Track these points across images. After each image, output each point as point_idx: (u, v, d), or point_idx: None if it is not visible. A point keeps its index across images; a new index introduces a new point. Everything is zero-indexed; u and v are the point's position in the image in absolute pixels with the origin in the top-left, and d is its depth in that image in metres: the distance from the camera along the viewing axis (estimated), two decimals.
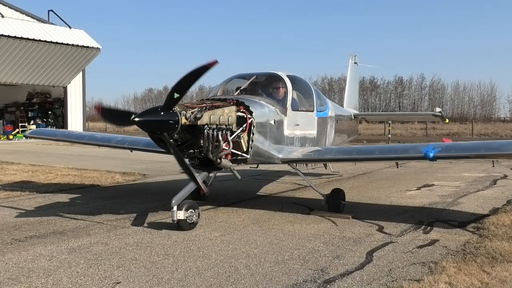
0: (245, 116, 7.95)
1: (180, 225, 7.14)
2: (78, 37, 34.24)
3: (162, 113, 6.92)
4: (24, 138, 30.49)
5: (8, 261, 5.63)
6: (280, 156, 8.98)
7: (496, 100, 78.96)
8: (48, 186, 11.70)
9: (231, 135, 7.71)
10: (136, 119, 6.83)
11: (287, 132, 9.13)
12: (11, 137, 34.88)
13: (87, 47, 34.13)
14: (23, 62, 31.57)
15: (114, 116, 7.82)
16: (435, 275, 5.15)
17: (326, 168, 13.27)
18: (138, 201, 9.65)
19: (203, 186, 7.62)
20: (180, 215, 7.05)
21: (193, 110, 7.32)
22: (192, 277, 5.15)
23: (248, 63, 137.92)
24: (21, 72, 32.06)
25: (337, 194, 8.92)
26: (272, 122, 8.68)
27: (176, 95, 6.91)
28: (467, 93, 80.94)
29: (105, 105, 8.09)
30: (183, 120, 7.06)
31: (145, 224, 7.62)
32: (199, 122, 7.20)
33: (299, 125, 9.51)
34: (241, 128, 7.92)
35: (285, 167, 11.40)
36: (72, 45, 33.13)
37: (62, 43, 32.52)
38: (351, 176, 14.58)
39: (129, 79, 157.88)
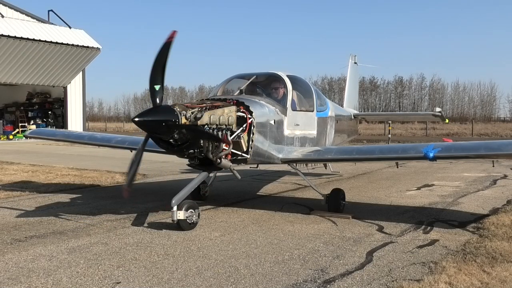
0: (245, 116, 7.95)
1: (180, 225, 7.13)
2: (78, 37, 34.23)
3: (162, 113, 6.92)
4: (24, 138, 30.48)
5: (8, 261, 5.63)
6: (280, 156, 8.98)
7: (496, 100, 79.14)
8: (48, 186, 11.70)
9: (231, 135, 7.71)
10: (136, 119, 6.84)
11: (287, 132, 9.13)
12: (11, 137, 34.90)
13: (87, 47, 34.12)
14: (23, 62, 31.57)
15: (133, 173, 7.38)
16: (435, 275, 5.15)
17: (326, 168, 13.28)
18: (138, 201, 9.65)
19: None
20: (180, 215, 7.05)
21: (193, 110, 7.31)
22: (192, 277, 5.14)
23: (248, 63, 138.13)
24: (21, 72, 32.06)
25: (337, 194, 8.92)
26: (272, 122, 8.67)
27: (157, 87, 6.92)
28: (467, 93, 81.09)
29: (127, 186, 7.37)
30: (183, 120, 7.06)
31: (145, 224, 7.62)
32: (199, 122, 7.19)
33: (299, 125, 9.51)
34: (241, 128, 7.92)
35: (285, 167, 11.40)
36: (72, 45, 33.13)
37: (62, 43, 32.52)
38: (351, 176, 14.58)
39: (129, 79, 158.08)
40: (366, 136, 38.82)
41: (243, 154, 8.08)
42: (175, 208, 7.05)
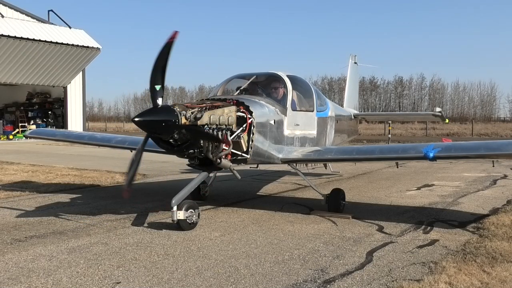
0: (245, 116, 7.95)
1: (180, 225, 7.13)
2: (78, 37, 34.24)
3: (162, 113, 6.92)
4: (24, 138, 30.49)
5: (8, 261, 5.63)
6: (280, 156, 8.98)
7: (496, 100, 79.26)
8: (48, 186, 11.70)
9: (231, 135, 7.71)
10: (136, 119, 6.84)
11: (287, 132, 9.13)
12: (11, 137, 34.89)
13: (87, 47, 34.13)
14: (23, 62, 31.57)
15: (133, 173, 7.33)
16: (435, 275, 5.15)
17: (326, 168, 13.27)
18: (138, 201, 9.65)
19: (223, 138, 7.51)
20: (180, 215, 7.05)
21: (193, 110, 7.31)
22: (192, 277, 5.14)
23: (248, 63, 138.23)
24: (21, 72, 32.06)
25: (337, 194, 8.91)
26: (272, 122, 8.67)
27: (158, 87, 6.91)
28: (467, 93, 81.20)
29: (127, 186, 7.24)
30: (183, 120, 7.06)
31: (145, 224, 7.62)
32: (199, 122, 7.19)
33: (299, 125, 9.51)
34: (241, 128, 7.92)
35: (285, 167, 11.40)
36: (72, 45, 33.13)
37: (62, 43, 32.53)
38: (351, 176, 14.57)
39: (129, 79, 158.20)
40: (366, 136, 38.82)
41: (243, 154, 8.07)
42: (175, 208, 7.05)
